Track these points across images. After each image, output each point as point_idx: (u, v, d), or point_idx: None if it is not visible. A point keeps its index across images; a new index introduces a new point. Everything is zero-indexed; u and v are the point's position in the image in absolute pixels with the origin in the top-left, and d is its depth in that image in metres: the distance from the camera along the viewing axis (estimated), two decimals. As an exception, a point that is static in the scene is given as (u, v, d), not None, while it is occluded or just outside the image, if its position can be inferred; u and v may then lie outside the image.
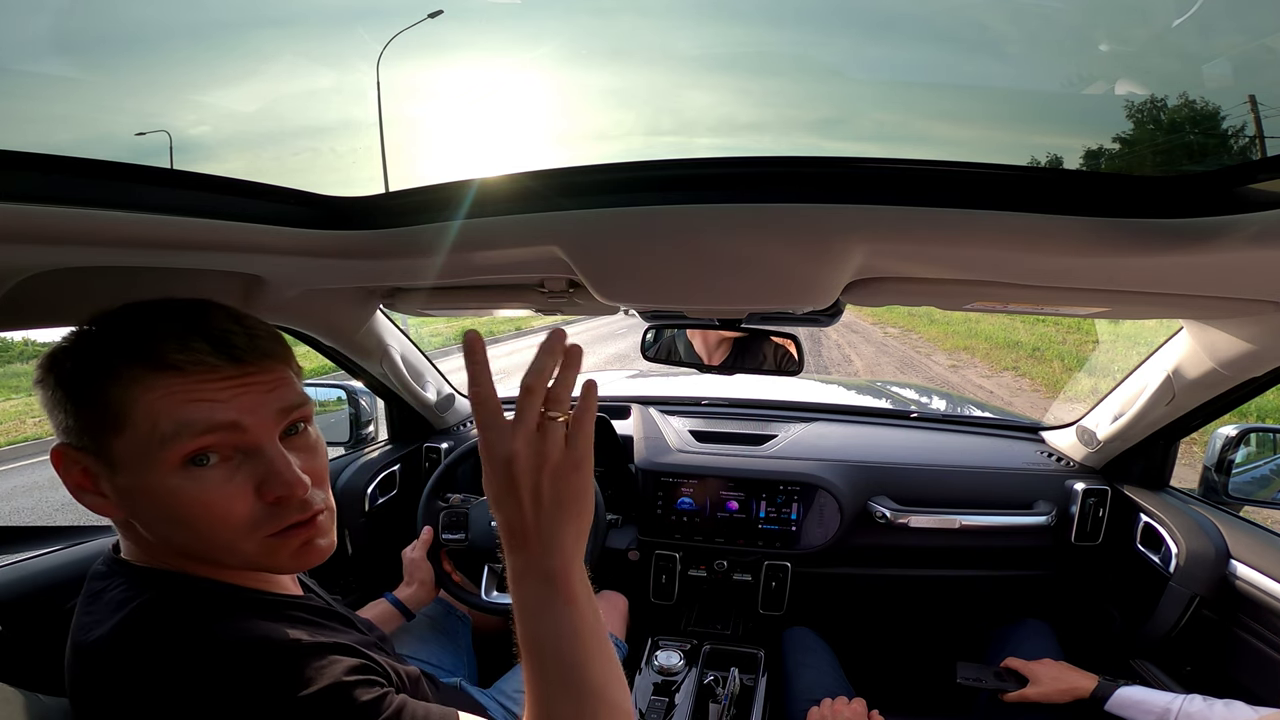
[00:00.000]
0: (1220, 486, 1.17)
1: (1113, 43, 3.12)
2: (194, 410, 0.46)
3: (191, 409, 0.46)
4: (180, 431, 0.45)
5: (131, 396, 0.45)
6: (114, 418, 0.46)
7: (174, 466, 0.46)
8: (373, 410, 1.50)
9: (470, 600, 1.14)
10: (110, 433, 0.46)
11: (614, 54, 21.67)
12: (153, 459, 0.45)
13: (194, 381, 0.47)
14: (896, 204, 0.54)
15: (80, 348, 0.48)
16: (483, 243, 0.68)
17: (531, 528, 0.43)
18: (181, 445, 0.46)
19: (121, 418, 0.45)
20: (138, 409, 0.45)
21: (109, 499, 0.48)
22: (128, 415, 0.45)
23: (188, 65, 17.36)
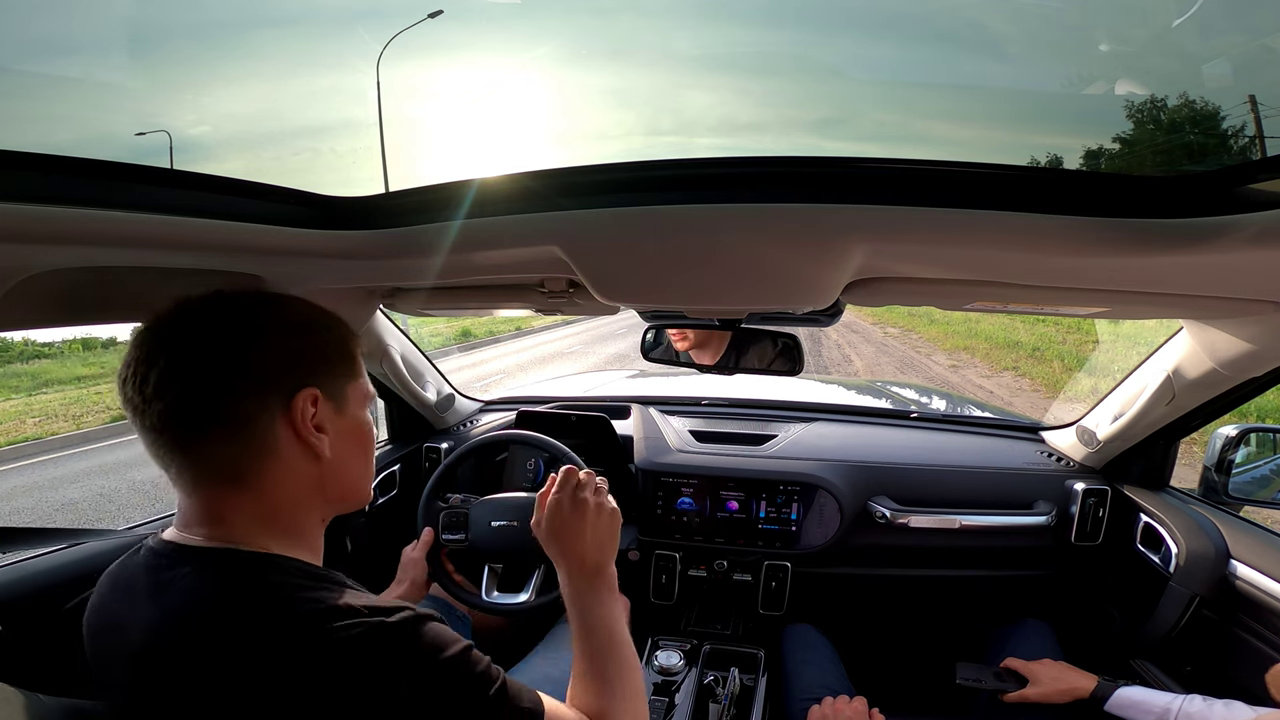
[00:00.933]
0: (1220, 486, 1.17)
1: (1113, 43, 3.12)
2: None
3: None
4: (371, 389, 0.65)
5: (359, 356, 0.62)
6: (357, 368, 0.61)
7: (366, 407, 0.62)
8: (373, 410, 1.50)
9: (471, 600, 1.13)
10: (351, 379, 0.59)
11: (614, 54, 21.66)
12: (362, 399, 0.61)
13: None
14: (896, 204, 0.54)
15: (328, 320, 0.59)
16: (483, 243, 0.68)
17: (590, 549, 0.69)
18: (371, 397, 0.65)
19: (360, 370, 0.61)
20: (361, 366, 0.62)
21: (329, 435, 0.56)
22: (360, 369, 0.61)
23: (188, 65, 17.37)
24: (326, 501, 0.59)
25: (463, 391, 1.68)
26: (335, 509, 0.61)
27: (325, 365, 0.57)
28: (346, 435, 0.59)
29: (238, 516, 0.53)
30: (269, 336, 0.54)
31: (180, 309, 0.53)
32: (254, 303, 0.56)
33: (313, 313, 0.59)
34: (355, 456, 0.60)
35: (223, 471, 0.52)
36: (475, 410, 1.74)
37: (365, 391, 0.62)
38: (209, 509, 0.53)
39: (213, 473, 0.52)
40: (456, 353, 10.82)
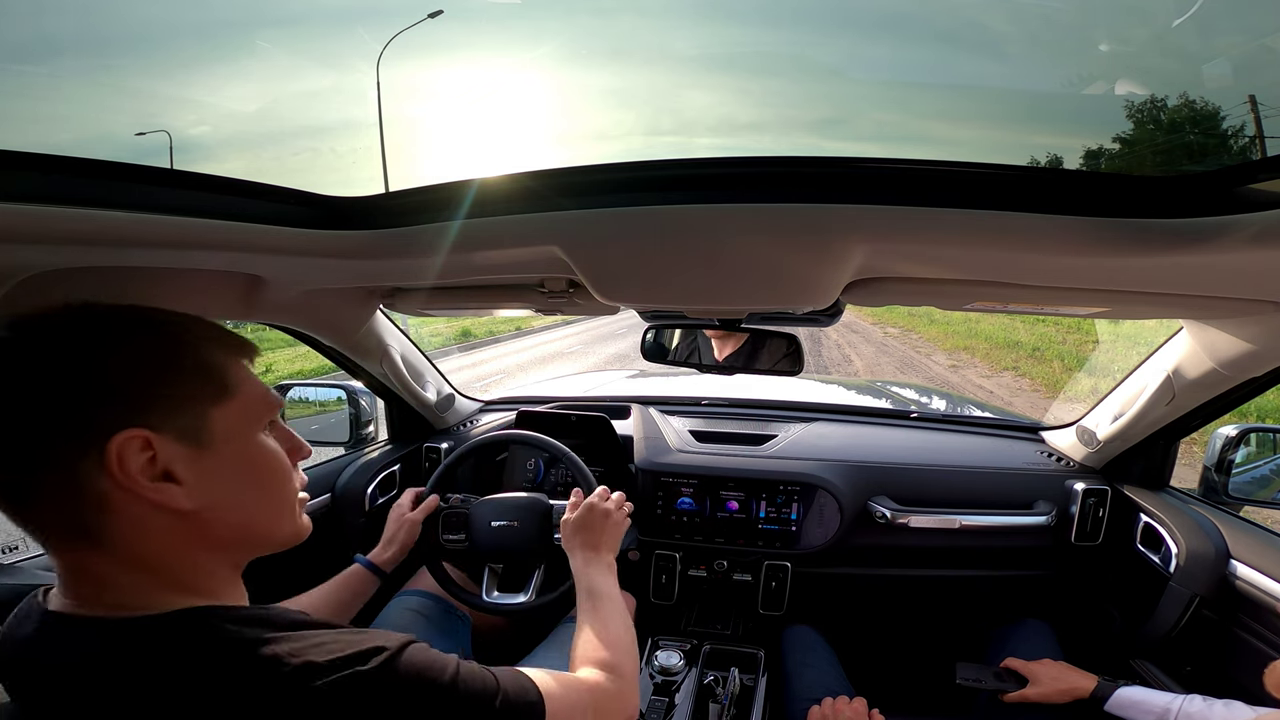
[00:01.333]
0: (1220, 486, 1.17)
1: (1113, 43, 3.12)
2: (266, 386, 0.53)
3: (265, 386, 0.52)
4: (271, 404, 0.52)
5: (235, 369, 0.50)
6: (229, 383, 0.49)
7: (260, 432, 0.51)
8: (373, 410, 1.50)
9: (471, 601, 1.13)
10: (216, 401, 0.47)
11: (614, 54, 21.67)
12: (249, 426, 0.50)
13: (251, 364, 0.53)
14: (896, 204, 0.54)
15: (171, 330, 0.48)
16: (483, 243, 0.68)
17: (602, 544, 0.91)
18: (271, 413, 0.52)
19: (233, 385, 0.49)
20: (241, 380, 0.50)
21: (185, 486, 0.44)
22: (236, 385, 0.49)
23: (189, 65, 17.44)
24: (218, 550, 0.48)
25: (463, 391, 1.68)
26: (239, 555, 0.51)
27: (160, 395, 0.44)
28: (221, 475, 0.47)
29: (115, 578, 0.44)
30: (78, 364, 0.42)
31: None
32: (61, 322, 0.44)
33: (145, 324, 0.47)
34: (246, 497, 0.49)
35: (67, 528, 0.43)
36: (475, 410, 1.74)
37: (251, 409, 0.50)
38: (78, 570, 0.44)
39: (58, 529, 0.43)
40: (456, 353, 10.82)
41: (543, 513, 1.15)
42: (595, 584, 0.83)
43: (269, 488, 0.51)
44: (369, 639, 0.47)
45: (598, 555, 0.89)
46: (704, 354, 1.46)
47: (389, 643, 0.47)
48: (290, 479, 0.53)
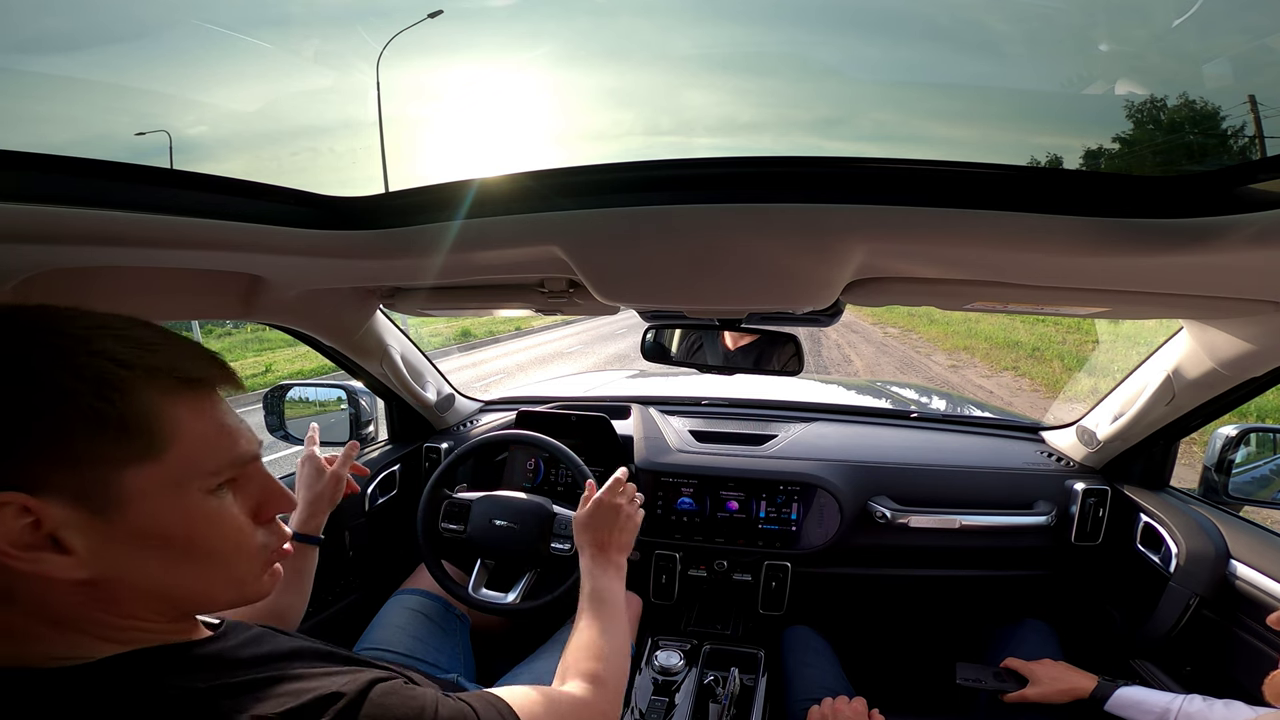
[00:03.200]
0: (1220, 486, 1.17)
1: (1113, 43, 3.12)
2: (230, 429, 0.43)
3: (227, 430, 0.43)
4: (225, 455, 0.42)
5: (175, 416, 0.39)
6: (154, 440, 0.38)
7: (206, 493, 0.41)
8: (373, 410, 1.50)
9: (457, 593, 1.14)
10: (131, 462, 0.38)
11: (612, 54, 21.68)
12: (181, 489, 0.40)
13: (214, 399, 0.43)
14: (896, 204, 0.54)
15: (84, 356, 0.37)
16: (483, 243, 0.68)
17: (613, 541, 0.85)
18: (222, 473, 0.42)
19: (164, 440, 0.39)
20: (183, 430, 0.40)
21: (75, 555, 0.37)
22: (172, 437, 0.39)
23: (189, 65, 17.43)
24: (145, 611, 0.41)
25: (463, 391, 1.68)
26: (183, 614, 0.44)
27: (50, 450, 0.36)
28: (136, 543, 0.39)
29: (34, 631, 0.38)
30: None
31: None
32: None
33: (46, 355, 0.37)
34: (169, 567, 0.40)
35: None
36: (475, 410, 1.74)
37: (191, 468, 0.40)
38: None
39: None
40: (456, 353, 10.81)
41: (544, 518, 1.15)
42: (600, 587, 0.79)
43: (204, 563, 0.42)
44: (328, 682, 0.42)
45: (605, 555, 0.83)
46: (704, 354, 1.46)
47: (349, 688, 0.41)
48: (245, 551, 0.44)
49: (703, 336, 1.42)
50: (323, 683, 0.42)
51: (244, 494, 0.45)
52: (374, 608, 1.17)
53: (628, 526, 0.87)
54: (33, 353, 0.36)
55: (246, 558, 0.44)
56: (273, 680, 0.41)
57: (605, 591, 0.79)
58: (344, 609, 1.30)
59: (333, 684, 0.42)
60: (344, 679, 0.43)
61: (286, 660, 0.44)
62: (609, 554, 0.84)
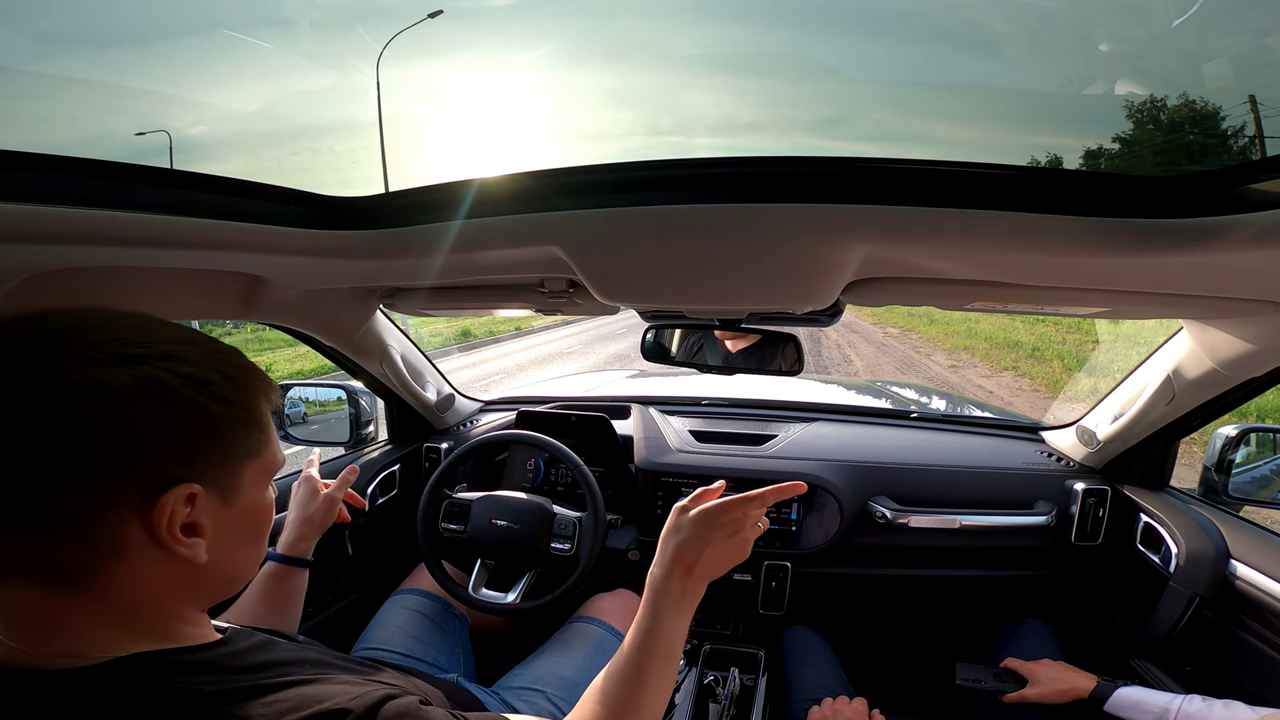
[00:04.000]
0: (1220, 486, 1.17)
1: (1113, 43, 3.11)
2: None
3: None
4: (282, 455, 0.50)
5: (267, 417, 0.47)
6: (264, 440, 0.47)
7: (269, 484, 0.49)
8: (373, 410, 1.50)
9: (457, 593, 1.14)
10: (252, 456, 0.46)
11: (612, 54, 21.68)
12: (266, 478, 0.48)
13: None
14: (896, 204, 0.54)
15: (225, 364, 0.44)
16: (483, 243, 0.68)
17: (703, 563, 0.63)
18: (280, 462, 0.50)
19: (268, 438, 0.47)
20: (269, 428, 0.48)
21: (208, 536, 0.43)
22: (270, 437, 0.47)
23: (188, 65, 17.39)
24: (201, 597, 0.46)
25: (463, 391, 1.68)
26: (213, 600, 0.48)
27: (218, 449, 0.42)
28: (234, 528, 0.45)
29: (73, 620, 0.40)
30: (120, 409, 0.38)
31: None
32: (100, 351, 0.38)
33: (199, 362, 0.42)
34: (242, 549, 0.47)
35: (52, 572, 0.39)
36: (475, 410, 1.74)
37: (271, 464, 0.48)
38: (29, 608, 0.39)
39: (28, 569, 0.39)
40: (456, 353, 10.81)
41: (545, 518, 1.15)
42: (667, 626, 0.60)
43: (261, 538, 0.49)
44: (335, 693, 0.42)
45: (688, 577, 0.62)
46: (704, 354, 1.46)
47: (356, 705, 0.41)
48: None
49: (703, 337, 1.42)
50: (331, 690, 0.42)
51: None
52: (374, 607, 1.17)
53: (734, 552, 0.64)
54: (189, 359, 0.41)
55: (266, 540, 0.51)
56: (277, 686, 0.41)
57: (672, 634, 0.60)
58: (344, 609, 1.30)
59: (341, 696, 0.41)
60: (352, 692, 0.42)
61: (292, 667, 0.44)
62: (691, 576, 0.63)
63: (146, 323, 0.42)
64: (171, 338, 0.42)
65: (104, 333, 0.39)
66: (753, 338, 1.35)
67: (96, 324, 0.40)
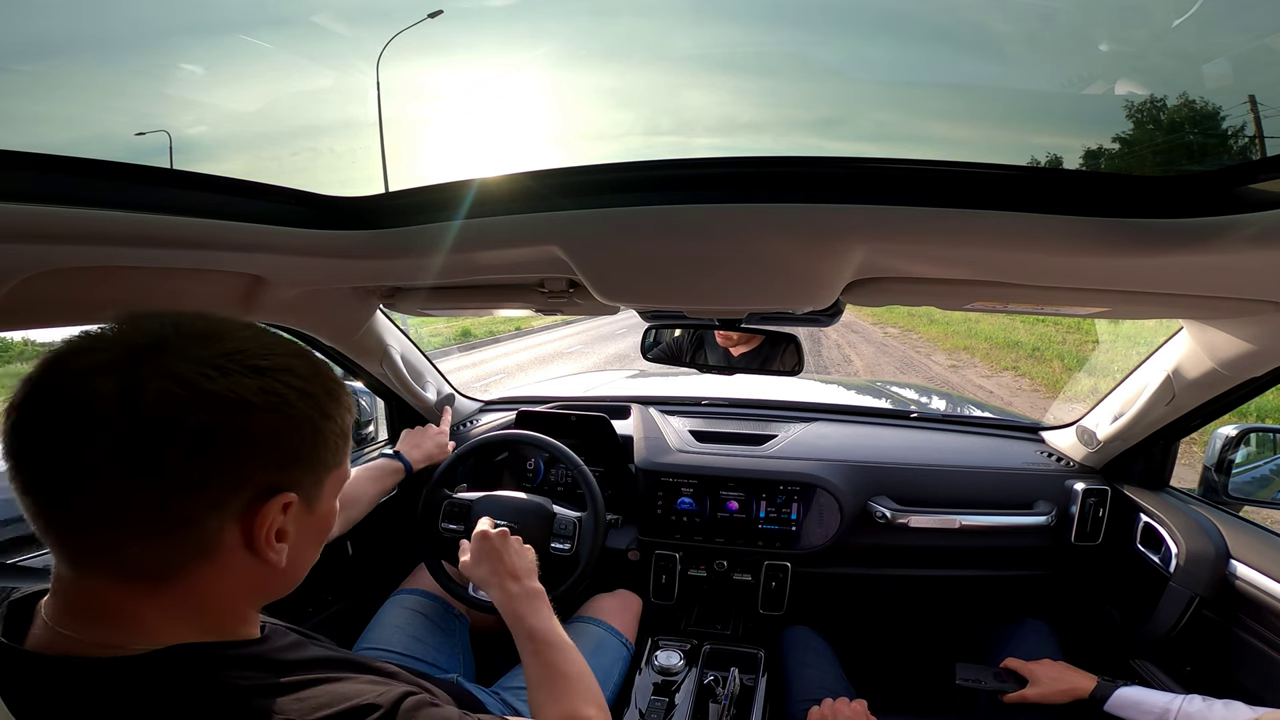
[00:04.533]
0: (1220, 486, 1.17)
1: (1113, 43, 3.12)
2: None
3: None
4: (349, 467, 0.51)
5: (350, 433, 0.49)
6: (346, 452, 0.48)
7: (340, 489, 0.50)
8: (373, 410, 1.50)
9: (456, 593, 1.14)
10: (336, 466, 0.47)
11: (612, 54, 21.70)
12: (339, 486, 0.49)
13: None
14: (896, 204, 0.54)
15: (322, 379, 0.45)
16: (483, 243, 0.68)
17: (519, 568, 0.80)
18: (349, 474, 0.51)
19: (348, 452, 0.49)
20: (350, 444, 0.49)
21: (290, 542, 0.44)
22: (348, 450, 0.49)
23: (188, 65, 17.40)
24: (264, 598, 0.48)
25: (463, 391, 1.68)
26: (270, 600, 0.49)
27: (313, 460, 0.44)
28: (310, 534, 0.48)
29: (143, 613, 0.41)
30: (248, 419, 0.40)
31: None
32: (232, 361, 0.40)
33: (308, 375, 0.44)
34: (309, 553, 0.49)
35: (137, 569, 0.40)
36: (475, 410, 1.74)
37: (345, 475, 0.50)
38: (100, 601, 0.40)
39: (123, 568, 0.40)
40: (456, 353, 10.81)
41: (545, 518, 1.15)
42: (534, 627, 0.72)
43: (320, 546, 0.51)
44: (362, 691, 0.43)
45: (520, 584, 0.77)
46: (704, 354, 1.46)
47: (382, 700, 0.43)
48: None
49: (702, 337, 1.42)
50: (358, 689, 0.44)
51: None
52: (373, 607, 1.17)
53: (521, 551, 0.82)
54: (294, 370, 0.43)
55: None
56: (311, 683, 0.43)
57: (537, 624, 0.72)
58: (344, 609, 1.30)
59: (368, 694, 0.43)
60: (377, 690, 0.44)
61: (325, 667, 0.46)
62: (521, 580, 0.77)
63: (263, 334, 0.44)
64: (286, 350, 0.44)
65: (232, 343, 0.41)
66: (753, 341, 1.35)
67: (222, 332, 0.41)
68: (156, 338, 0.39)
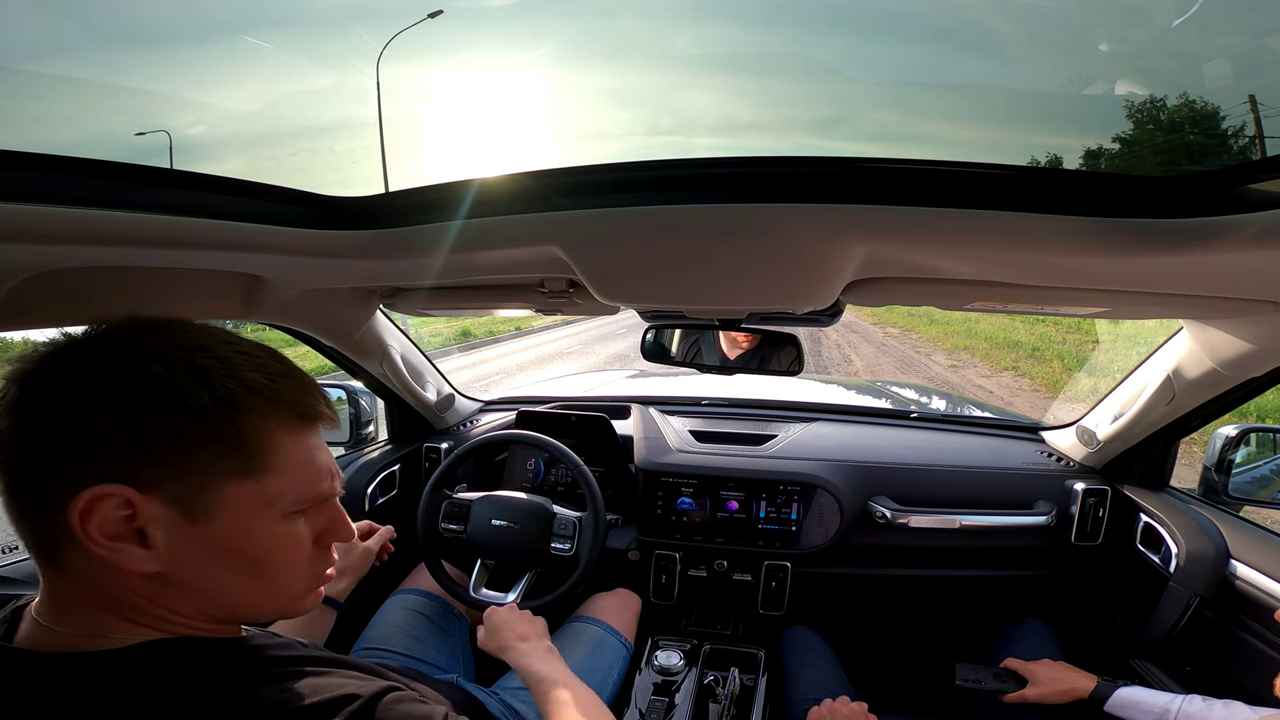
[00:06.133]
0: (1220, 486, 1.17)
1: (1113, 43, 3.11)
2: (324, 464, 0.47)
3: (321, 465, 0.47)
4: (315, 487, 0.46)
5: (282, 445, 0.44)
6: (259, 462, 0.43)
7: (282, 516, 0.44)
8: (373, 410, 1.50)
9: (457, 593, 1.14)
10: (233, 477, 0.42)
11: (613, 54, 21.70)
12: (268, 508, 0.44)
13: (317, 434, 0.47)
14: (896, 204, 0.54)
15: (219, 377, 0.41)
16: (483, 243, 0.68)
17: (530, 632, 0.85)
18: (305, 500, 0.46)
19: (267, 464, 0.43)
20: (286, 458, 0.44)
21: (154, 550, 0.41)
22: (273, 463, 0.43)
23: (188, 65, 17.39)
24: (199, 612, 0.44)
25: (463, 391, 1.68)
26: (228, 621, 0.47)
27: (167, 455, 0.40)
28: (211, 551, 0.42)
29: (80, 604, 0.42)
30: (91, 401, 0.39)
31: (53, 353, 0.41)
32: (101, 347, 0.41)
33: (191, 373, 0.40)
34: (233, 578, 0.44)
35: (38, 549, 0.41)
36: (475, 410, 1.74)
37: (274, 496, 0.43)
38: (50, 588, 0.42)
39: (32, 547, 0.42)
40: (456, 353, 10.81)
41: (545, 518, 1.15)
42: (541, 673, 0.75)
43: (264, 576, 0.45)
44: (343, 684, 0.43)
45: (527, 642, 0.82)
46: (704, 354, 1.46)
47: (363, 690, 0.43)
48: (300, 570, 0.47)
49: (702, 336, 1.42)
50: (339, 681, 0.44)
51: (313, 519, 0.48)
52: (373, 607, 1.17)
53: (534, 620, 0.89)
54: (174, 365, 0.40)
55: (299, 577, 0.47)
56: (295, 676, 0.43)
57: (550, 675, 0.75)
58: (343, 608, 1.30)
59: (348, 686, 0.43)
60: (359, 683, 0.44)
61: (308, 663, 0.45)
62: (529, 641, 0.83)
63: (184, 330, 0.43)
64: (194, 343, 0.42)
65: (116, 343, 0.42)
66: (753, 342, 1.35)
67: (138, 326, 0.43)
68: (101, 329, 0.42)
